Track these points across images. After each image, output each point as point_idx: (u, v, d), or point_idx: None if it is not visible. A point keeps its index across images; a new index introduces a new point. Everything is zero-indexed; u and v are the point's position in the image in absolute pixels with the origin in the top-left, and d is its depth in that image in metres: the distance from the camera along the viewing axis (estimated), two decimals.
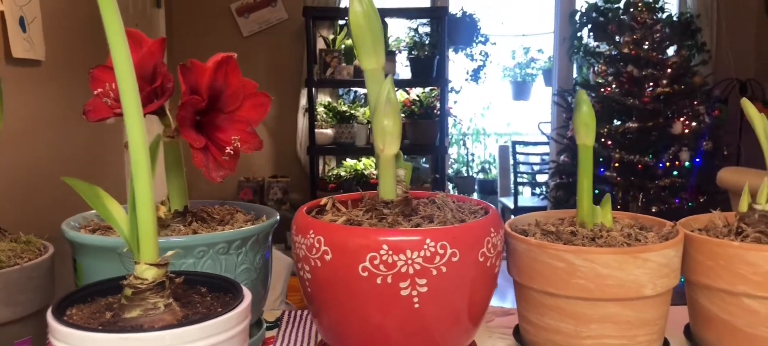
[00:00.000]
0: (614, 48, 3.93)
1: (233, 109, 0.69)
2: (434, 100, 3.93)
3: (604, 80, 3.93)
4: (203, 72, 0.66)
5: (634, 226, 0.73)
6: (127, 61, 0.49)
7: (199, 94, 0.65)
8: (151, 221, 0.52)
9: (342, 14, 4.02)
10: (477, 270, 0.65)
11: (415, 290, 0.62)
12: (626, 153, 3.79)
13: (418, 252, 0.61)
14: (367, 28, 0.67)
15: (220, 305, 0.57)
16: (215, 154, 0.67)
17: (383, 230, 0.63)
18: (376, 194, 0.72)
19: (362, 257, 0.61)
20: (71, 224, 0.74)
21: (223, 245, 0.69)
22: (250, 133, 0.69)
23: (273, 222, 0.76)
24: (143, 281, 0.53)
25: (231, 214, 0.80)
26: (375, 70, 0.69)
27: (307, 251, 0.65)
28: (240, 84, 0.69)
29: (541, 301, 0.69)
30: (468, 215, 0.70)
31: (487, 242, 0.65)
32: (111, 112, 0.64)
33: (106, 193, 0.56)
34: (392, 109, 0.68)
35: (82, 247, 0.69)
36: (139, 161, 0.51)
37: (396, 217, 0.67)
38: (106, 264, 0.68)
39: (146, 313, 0.53)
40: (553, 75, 4.55)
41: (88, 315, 0.54)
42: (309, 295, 0.68)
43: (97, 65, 0.66)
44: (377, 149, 0.69)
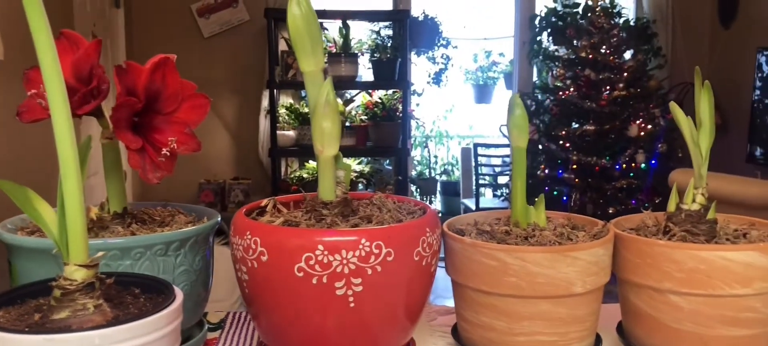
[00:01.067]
0: (572, 52, 4.00)
1: (171, 110, 0.69)
2: (396, 103, 3.95)
3: (562, 83, 4.00)
4: (140, 73, 0.66)
5: (566, 225, 0.75)
6: (53, 62, 0.49)
7: (135, 95, 0.65)
8: (79, 221, 0.52)
9: None
10: (412, 269, 0.66)
11: (350, 289, 0.63)
12: (584, 155, 3.86)
13: (354, 252, 0.62)
14: (306, 31, 0.68)
15: (153, 305, 0.57)
16: (152, 155, 0.67)
17: (319, 231, 0.63)
18: (316, 195, 0.73)
19: (298, 258, 0.62)
20: (8, 226, 0.73)
21: (161, 246, 0.69)
22: (187, 135, 0.69)
23: (213, 224, 0.76)
24: (72, 282, 0.53)
25: (172, 216, 0.79)
26: (314, 73, 0.70)
27: (244, 252, 0.66)
28: (178, 86, 0.69)
29: (476, 299, 0.70)
30: (405, 216, 0.71)
31: (423, 242, 0.66)
32: (46, 113, 0.64)
33: (36, 194, 0.56)
34: (331, 111, 0.69)
35: (17, 249, 0.68)
36: (67, 162, 0.51)
37: (334, 218, 0.68)
38: (41, 266, 0.67)
39: (75, 314, 0.52)
40: (514, 79, 4.61)
41: (16, 317, 0.54)
42: (247, 296, 0.69)
43: (32, 66, 0.65)
44: (316, 150, 0.70)
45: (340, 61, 3.80)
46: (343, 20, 3.83)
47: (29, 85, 0.65)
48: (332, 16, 3.96)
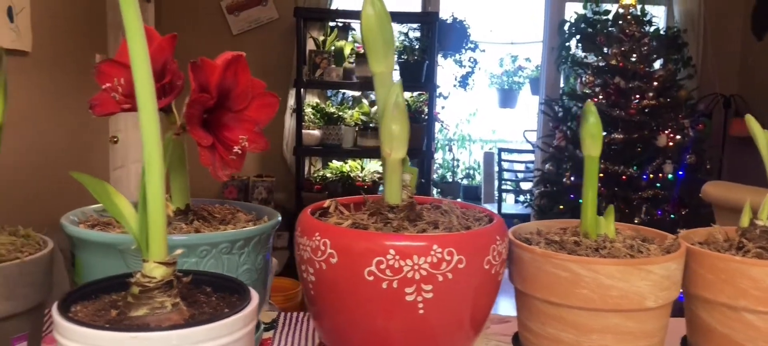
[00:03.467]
0: (602, 59, 3.96)
1: (241, 108, 0.68)
2: (422, 105, 3.93)
3: (590, 91, 3.96)
4: (213, 70, 0.65)
5: (636, 238, 0.73)
6: (144, 58, 0.49)
7: (208, 92, 0.65)
8: (161, 219, 0.52)
9: (333, 16, 4.02)
10: (482, 278, 0.65)
11: (420, 295, 0.62)
12: (610, 164, 3.82)
13: (425, 258, 0.61)
14: (379, 32, 0.67)
15: (226, 305, 0.56)
16: (222, 153, 0.67)
17: (390, 235, 0.62)
18: (381, 197, 0.72)
19: (368, 261, 0.61)
20: (71, 218, 0.73)
21: (227, 244, 0.68)
22: (257, 134, 0.68)
23: (275, 223, 0.75)
24: (151, 280, 0.52)
25: (232, 213, 0.79)
26: (384, 74, 0.69)
27: (313, 253, 0.65)
28: (249, 83, 0.68)
29: (543, 310, 0.69)
30: (473, 222, 0.70)
31: (493, 250, 0.65)
32: (118, 107, 0.63)
33: (113, 188, 0.55)
34: (400, 114, 0.68)
35: (83, 242, 0.68)
36: (152, 159, 0.51)
37: (401, 222, 0.67)
38: (106, 260, 0.67)
39: (153, 312, 0.52)
40: (541, 84, 4.58)
41: (93, 312, 0.53)
42: (311, 297, 0.68)
43: (104, 60, 0.65)
44: (384, 153, 0.69)
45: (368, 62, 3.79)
46: None
47: (102, 79, 0.64)
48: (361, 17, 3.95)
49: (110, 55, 3.34)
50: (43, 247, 0.67)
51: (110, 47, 3.34)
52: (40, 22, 2.60)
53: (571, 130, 4.04)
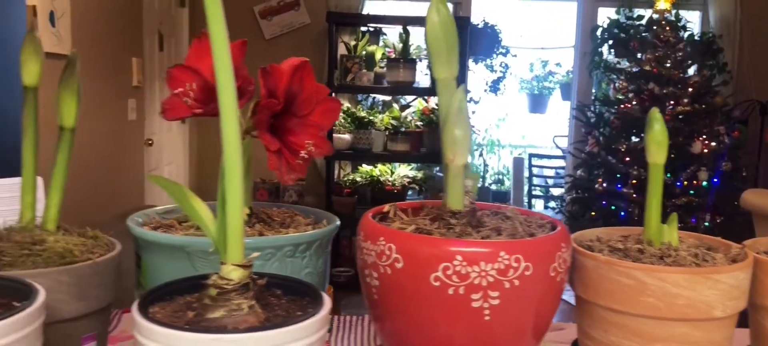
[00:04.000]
0: (635, 65, 3.92)
1: (305, 113, 0.69)
2: None
3: (624, 96, 3.92)
4: (281, 76, 0.66)
5: (700, 246, 0.73)
6: (227, 65, 0.50)
7: (275, 97, 0.66)
8: (239, 222, 0.52)
9: (364, 20, 4.03)
10: (547, 285, 0.64)
11: (486, 302, 0.62)
12: (644, 170, 3.77)
13: (492, 264, 0.61)
14: (443, 38, 0.68)
15: (298, 308, 0.57)
16: (288, 157, 0.67)
17: (457, 241, 0.63)
18: (442, 203, 0.72)
19: (435, 267, 0.61)
20: (136, 219, 0.74)
21: (290, 247, 0.69)
22: (321, 138, 0.69)
23: (335, 227, 0.76)
24: (229, 282, 0.53)
25: (291, 217, 0.80)
26: (447, 80, 0.69)
27: (377, 257, 0.65)
28: (314, 89, 0.69)
29: (605, 318, 0.69)
30: (536, 229, 0.70)
31: (559, 257, 0.65)
32: (190, 111, 0.64)
33: (191, 191, 0.56)
34: (463, 120, 0.68)
35: (150, 244, 0.69)
36: (232, 163, 0.51)
37: (464, 227, 0.67)
38: (173, 262, 0.68)
39: (230, 314, 0.53)
40: (572, 89, 4.55)
41: (171, 313, 0.54)
42: (374, 301, 0.68)
43: (176, 65, 0.66)
44: (446, 159, 0.69)
45: (399, 66, 3.80)
46: (404, 26, 3.83)
47: (173, 84, 0.66)
48: (393, 22, 3.97)
49: (146, 59, 3.39)
50: (111, 248, 0.68)
51: (146, 52, 3.39)
52: (80, 27, 2.65)
53: (603, 135, 4.00)
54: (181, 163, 4.04)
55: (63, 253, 0.62)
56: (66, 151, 0.66)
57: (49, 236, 0.64)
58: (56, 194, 0.67)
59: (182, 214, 0.80)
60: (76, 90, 0.66)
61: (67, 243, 0.63)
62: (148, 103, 3.44)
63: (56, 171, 0.66)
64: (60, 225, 0.68)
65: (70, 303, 0.62)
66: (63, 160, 0.66)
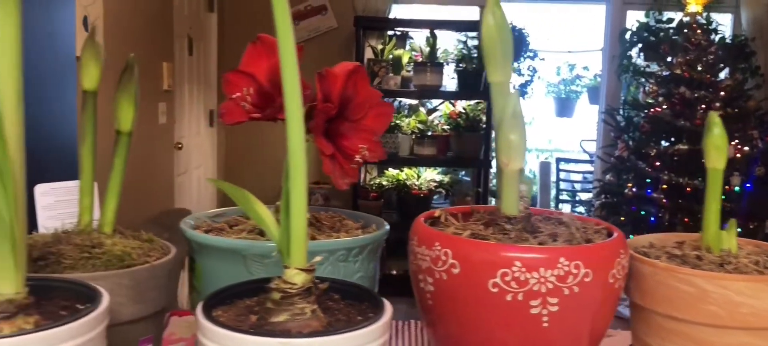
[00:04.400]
0: (666, 68, 3.88)
1: (359, 117, 0.69)
2: (480, 114, 3.91)
3: (654, 100, 3.88)
4: (335, 80, 0.66)
5: (760, 253, 0.71)
6: (294, 72, 0.50)
7: (330, 101, 0.66)
8: (303, 226, 0.52)
9: (391, 25, 4.03)
10: (606, 291, 0.64)
11: (545, 309, 0.61)
12: (675, 175, 3.73)
13: (552, 270, 0.60)
14: (498, 41, 0.67)
15: (357, 313, 0.57)
16: (342, 162, 0.67)
17: (516, 247, 0.62)
18: (495, 208, 0.71)
19: (493, 273, 0.61)
20: (188, 223, 0.75)
21: (343, 252, 0.69)
22: (375, 143, 0.69)
23: (386, 231, 0.76)
24: (293, 286, 0.53)
25: (339, 221, 0.80)
26: (502, 84, 0.69)
27: (432, 263, 0.65)
28: (367, 93, 0.69)
29: (664, 325, 0.68)
30: (593, 235, 0.69)
31: (617, 264, 0.64)
32: (247, 116, 0.65)
33: (253, 196, 0.56)
34: (518, 124, 0.68)
35: (205, 247, 0.69)
36: (297, 167, 0.51)
37: (519, 233, 0.67)
38: (227, 266, 0.68)
39: (293, 318, 0.53)
40: (601, 93, 4.50)
41: (234, 317, 0.54)
42: (428, 306, 0.68)
43: (232, 70, 0.66)
44: (501, 164, 0.69)
45: (426, 70, 3.79)
46: (431, 30, 3.83)
47: (230, 89, 0.66)
48: (420, 26, 3.97)
49: (176, 63, 3.42)
50: (166, 252, 0.69)
51: (176, 56, 3.42)
52: (112, 32, 2.68)
53: (633, 140, 3.95)
54: (209, 167, 4.08)
55: (121, 256, 0.62)
56: (123, 155, 0.67)
57: (106, 239, 0.65)
58: (113, 198, 0.67)
59: (232, 217, 0.80)
60: (133, 95, 0.66)
61: (124, 246, 0.64)
62: (178, 107, 3.47)
63: (113, 175, 0.67)
64: (116, 228, 0.68)
65: (129, 306, 0.62)
66: (120, 164, 0.67)
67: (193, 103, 3.75)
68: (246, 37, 2.87)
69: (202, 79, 3.87)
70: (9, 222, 0.50)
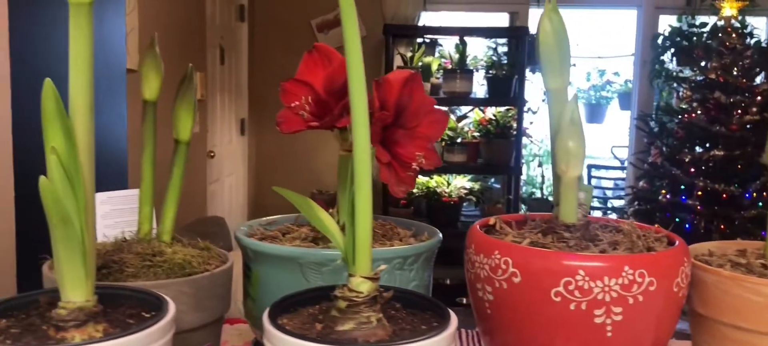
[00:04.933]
0: (700, 73, 3.82)
1: (414, 125, 0.69)
2: (511, 120, 3.89)
3: (688, 106, 3.82)
4: (392, 88, 0.66)
5: None
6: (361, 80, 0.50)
7: (387, 109, 0.66)
8: (368, 234, 0.52)
9: (421, 32, 4.03)
10: (669, 301, 0.62)
11: (609, 318, 0.60)
12: (711, 182, 3.66)
13: (616, 279, 0.59)
14: (556, 47, 0.66)
15: (420, 322, 0.56)
16: (398, 169, 0.67)
17: (579, 255, 0.61)
18: (551, 216, 0.71)
19: (556, 282, 0.60)
20: (243, 230, 0.75)
21: (399, 260, 0.69)
22: (430, 150, 0.68)
23: (439, 240, 0.75)
24: (358, 294, 0.53)
25: (391, 229, 0.79)
26: (559, 90, 0.68)
27: (492, 271, 0.64)
28: (422, 101, 0.68)
29: (728, 335, 0.66)
30: (654, 243, 0.67)
31: (681, 272, 0.62)
32: (305, 124, 0.65)
33: (316, 204, 0.56)
34: (576, 131, 0.67)
35: (261, 255, 0.70)
36: (363, 176, 0.51)
37: (579, 241, 0.66)
38: (284, 274, 0.68)
39: (359, 326, 0.52)
40: (633, 99, 4.45)
41: (299, 325, 0.54)
42: (486, 315, 0.67)
43: (289, 79, 0.66)
44: (559, 171, 0.68)
45: (455, 77, 3.78)
46: (461, 36, 3.82)
47: (287, 98, 0.66)
48: (449, 33, 3.96)
49: (208, 73, 3.46)
50: (224, 260, 0.69)
51: (208, 66, 3.46)
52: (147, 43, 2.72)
53: (667, 146, 3.90)
54: (240, 175, 4.11)
55: (182, 264, 0.63)
56: (181, 164, 0.67)
57: (167, 248, 0.65)
58: (172, 206, 0.68)
59: (284, 226, 0.80)
60: (192, 104, 0.67)
61: (185, 255, 0.64)
62: (210, 116, 3.51)
63: (172, 183, 0.68)
64: (174, 236, 0.69)
65: (189, 314, 0.63)
66: (179, 173, 0.67)
67: (225, 112, 3.79)
68: (276, 45, 2.98)
69: (233, 88, 3.91)
70: (80, 231, 0.51)
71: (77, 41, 0.49)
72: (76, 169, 0.50)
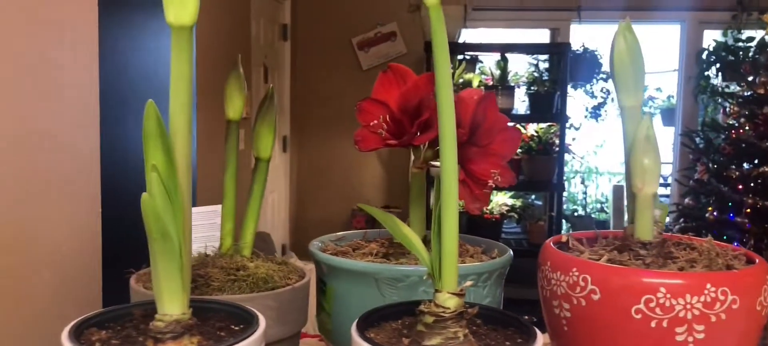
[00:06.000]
0: (747, 88, 3.74)
1: (487, 143, 0.70)
2: (553, 137, 3.86)
3: (735, 122, 3.74)
4: (468, 106, 0.67)
5: None
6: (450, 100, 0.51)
7: (461, 127, 0.67)
8: (454, 251, 0.53)
9: (461, 49, 4.05)
10: (752, 319, 0.62)
11: (691, 336, 0.60)
12: (761, 199, 3.58)
13: (699, 297, 0.59)
14: (630, 64, 0.67)
15: (504, 338, 0.57)
16: (472, 187, 0.68)
17: (661, 273, 0.61)
18: (623, 233, 0.71)
19: (637, 299, 0.60)
20: (316, 245, 0.77)
21: (474, 276, 0.69)
22: (505, 167, 0.69)
23: (510, 257, 0.76)
24: (445, 310, 0.53)
25: (461, 245, 0.80)
26: (634, 108, 0.68)
27: (569, 289, 0.64)
28: (495, 119, 0.69)
29: None
30: (732, 261, 0.67)
31: (764, 291, 0.62)
32: (383, 142, 0.66)
33: (402, 221, 0.58)
34: (652, 148, 0.67)
35: (337, 270, 0.71)
36: (450, 193, 0.52)
37: (655, 259, 0.66)
38: (360, 289, 0.69)
39: (447, 341, 0.53)
40: (677, 115, 4.39)
41: (386, 339, 0.56)
42: (562, 332, 0.67)
43: (365, 98, 0.68)
44: (635, 188, 0.68)
45: (497, 93, 3.78)
46: (502, 53, 3.82)
47: (364, 117, 0.68)
48: (490, 49, 3.97)
49: (253, 91, 3.52)
50: (302, 275, 0.71)
51: (253, 84, 3.52)
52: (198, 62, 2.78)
53: (713, 162, 3.82)
54: (283, 191, 4.16)
55: (266, 278, 0.65)
56: (262, 181, 0.70)
57: (249, 263, 0.67)
58: (252, 222, 0.70)
59: (353, 241, 0.82)
60: (272, 123, 0.69)
61: (267, 269, 0.66)
62: None
63: (252, 200, 0.70)
64: (254, 251, 0.71)
65: (273, 327, 0.64)
66: (259, 189, 0.69)
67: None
68: (318, 63, 3.02)
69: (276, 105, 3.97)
70: (178, 245, 0.53)
71: (178, 63, 0.52)
72: (175, 186, 0.52)
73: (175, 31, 0.51)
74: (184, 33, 0.51)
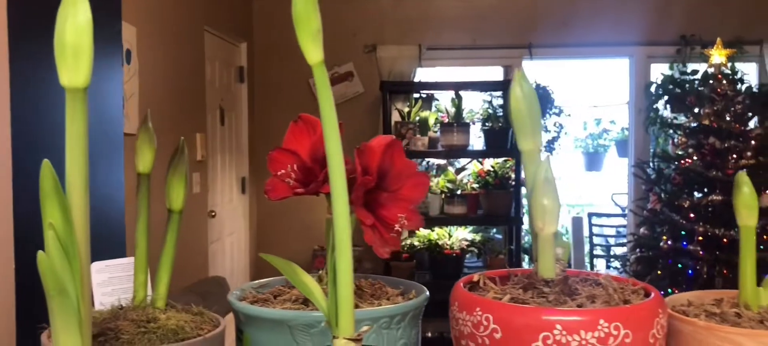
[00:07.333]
0: (694, 119, 3.87)
1: (396, 188, 0.72)
2: (509, 171, 3.93)
3: (684, 152, 3.86)
4: (373, 154, 0.69)
5: None
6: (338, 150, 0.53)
7: (369, 174, 0.69)
8: (350, 296, 0.55)
9: (417, 87, 4.11)
10: None
11: None
12: (711, 227, 3.67)
13: (592, 332, 0.61)
14: (527, 112, 0.70)
15: None
16: (382, 231, 0.70)
17: (556, 310, 0.63)
18: (531, 271, 0.73)
19: (535, 337, 0.62)
20: (235, 294, 0.78)
21: (386, 319, 0.71)
22: (412, 212, 0.71)
23: (426, 297, 0.78)
24: None
25: (380, 288, 0.82)
26: (532, 152, 0.71)
27: (474, 328, 0.66)
28: (403, 164, 0.72)
29: None
30: (630, 295, 0.70)
31: (656, 323, 0.65)
32: (291, 191, 0.68)
33: (300, 268, 0.59)
34: (551, 189, 0.70)
35: (252, 318, 0.72)
36: (343, 240, 0.54)
37: (557, 296, 0.68)
38: (275, 336, 0.70)
39: None
40: (630, 146, 4.50)
41: None
42: None
43: (275, 148, 0.70)
44: (536, 228, 0.70)
45: (453, 130, 3.84)
46: (456, 91, 3.89)
47: (274, 166, 0.70)
48: (444, 87, 4.04)
49: (208, 134, 3.52)
50: (216, 324, 0.71)
51: (209, 127, 3.52)
52: (147, 107, 2.78)
53: (665, 192, 3.92)
54: (242, 233, 4.13)
55: (176, 330, 0.65)
56: (174, 232, 0.70)
57: (160, 314, 0.68)
58: (165, 274, 0.71)
59: (276, 288, 0.83)
60: (184, 175, 0.70)
61: (178, 320, 0.67)
62: (211, 176, 3.56)
63: (165, 251, 0.71)
64: (168, 302, 0.71)
65: None
66: (171, 241, 0.70)
67: (226, 172, 3.84)
68: (275, 105, 3.05)
69: (234, 147, 3.97)
70: (76, 301, 0.54)
71: (73, 124, 0.53)
72: (73, 243, 0.53)
73: (70, 93, 0.53)
74: (78, 95, 0.53)
